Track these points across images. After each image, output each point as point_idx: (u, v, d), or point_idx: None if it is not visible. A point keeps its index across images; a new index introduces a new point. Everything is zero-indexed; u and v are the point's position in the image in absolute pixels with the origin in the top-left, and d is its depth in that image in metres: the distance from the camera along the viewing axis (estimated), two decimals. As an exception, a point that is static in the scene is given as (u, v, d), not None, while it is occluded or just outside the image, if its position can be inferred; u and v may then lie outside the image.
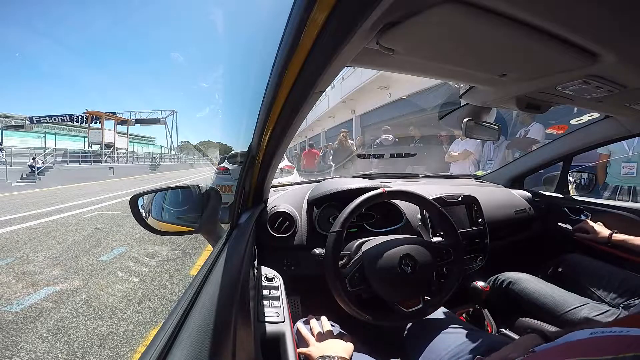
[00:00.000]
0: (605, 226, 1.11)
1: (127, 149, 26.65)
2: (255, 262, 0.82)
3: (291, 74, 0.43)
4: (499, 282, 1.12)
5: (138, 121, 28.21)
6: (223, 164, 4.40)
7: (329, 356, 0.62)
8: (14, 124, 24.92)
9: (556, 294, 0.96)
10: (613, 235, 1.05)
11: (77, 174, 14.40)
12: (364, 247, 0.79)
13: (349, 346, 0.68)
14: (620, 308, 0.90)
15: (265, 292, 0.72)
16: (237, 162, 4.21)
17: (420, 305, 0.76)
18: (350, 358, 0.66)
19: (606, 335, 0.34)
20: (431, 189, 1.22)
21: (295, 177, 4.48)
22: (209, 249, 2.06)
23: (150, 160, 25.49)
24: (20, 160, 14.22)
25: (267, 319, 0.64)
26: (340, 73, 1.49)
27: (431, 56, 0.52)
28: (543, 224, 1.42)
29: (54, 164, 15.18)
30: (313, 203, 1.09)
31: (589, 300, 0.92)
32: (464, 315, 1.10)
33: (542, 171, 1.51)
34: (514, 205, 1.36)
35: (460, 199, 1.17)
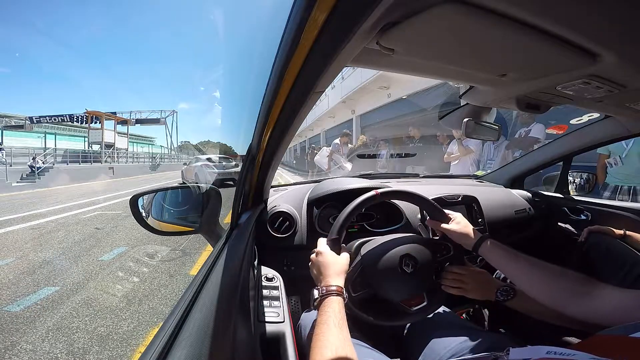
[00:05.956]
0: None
1: (127, 149, 26.67)
2: (255, 262, 0.82)
3: (291, 74, 0.43)
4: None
5: (138, 121, 28.23)
6: None
7: (316, 287, 0.61)
8: (14, 124, 24.97)
9: None
10: (627, 232, 1.04)
11: (77, 173, 14.40)
12: (363, 251, 0.78)
13: (340, 267, 0.65)
14: None
15: (265, 292, 0.72)
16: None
17: (425, 303, 0.76)
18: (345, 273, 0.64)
19: (557, 358, 0.36)
20: (431, 189, 1.22)
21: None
22: (209, 249, 2.06)
23: (150, 160, 25.51)
24: (20, 160, 14.25)
25: (267, 319, 0.64)
26: (340, 73, 1.49)
27: (431, 56, 0.52)
28: (543, 224, 1.42)
29: (54, 164, 15.20)
30: (313, 203, 1.09)
31: None
32: (464, 315, 1.10)
33: (542, 171, 1.51)
34: (514, 205, 1.36)
35: (460, 199, 1.17)
